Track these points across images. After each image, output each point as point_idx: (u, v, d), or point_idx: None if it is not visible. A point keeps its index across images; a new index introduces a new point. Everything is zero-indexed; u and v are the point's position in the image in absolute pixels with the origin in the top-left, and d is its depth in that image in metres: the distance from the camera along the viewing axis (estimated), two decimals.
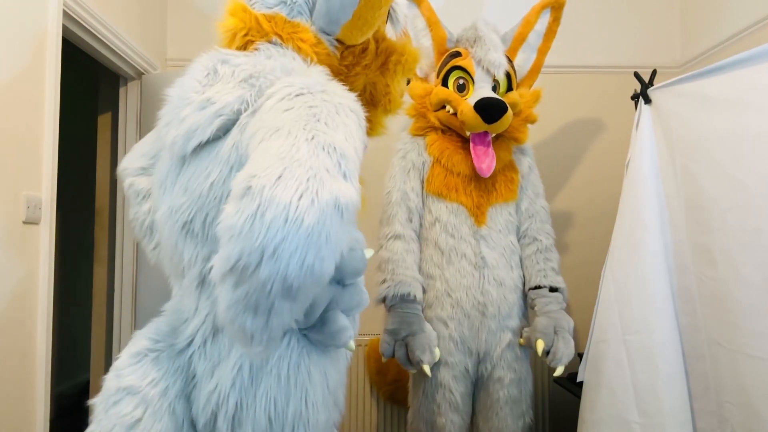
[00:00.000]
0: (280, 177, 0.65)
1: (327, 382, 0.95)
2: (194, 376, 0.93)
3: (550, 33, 2.00)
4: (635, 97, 1.80)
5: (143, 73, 2.45)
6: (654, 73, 1.82)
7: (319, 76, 0.90)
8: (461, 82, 1.83)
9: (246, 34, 1.00)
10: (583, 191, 2.70)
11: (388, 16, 1.15)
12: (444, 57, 1.89)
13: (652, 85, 1.76)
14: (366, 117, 0.87)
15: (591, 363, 1.73)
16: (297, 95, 0.81)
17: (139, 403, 0.90)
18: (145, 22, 2.45)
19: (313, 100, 0.79)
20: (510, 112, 1.76)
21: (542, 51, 2.01)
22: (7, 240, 1.53)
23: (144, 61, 2.39)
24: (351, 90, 0.89)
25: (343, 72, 1.05)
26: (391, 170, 1.91)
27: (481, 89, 1.79)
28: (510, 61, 1.90)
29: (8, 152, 1.54)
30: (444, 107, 1.84)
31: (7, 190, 1.54)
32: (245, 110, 0.87)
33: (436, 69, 1.91)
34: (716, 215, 1.49)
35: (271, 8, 1.01)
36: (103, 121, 2.62)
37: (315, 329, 0.91)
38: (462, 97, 1.81)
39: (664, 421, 1.54)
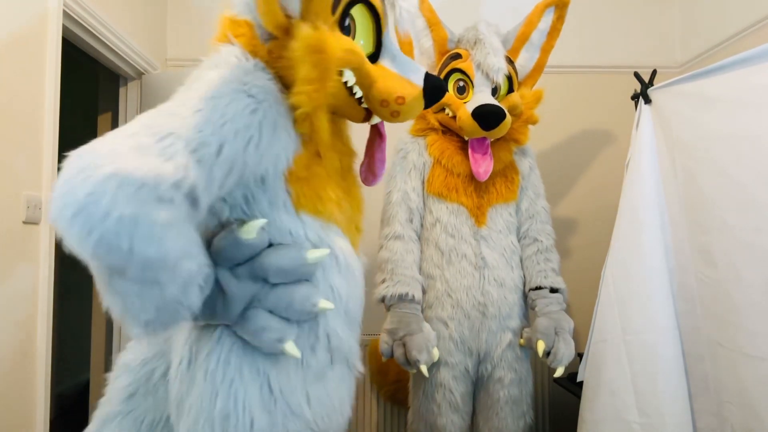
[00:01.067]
0: (75, 155, 0.70)
1: (268, 384, 0.91)
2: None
3: (554, 31, 1.98)
4: (635, 97, 1.80)
5: (143, 73, 2.45)
6: (654, 73, 1.82)
7: (236, 69, 0.90)
8: (461, 84, 1.82)
9: (218, 39, 1.03)
10: (582, 191, 2.69)
11: (388, 16, 1.13)
12: (444, 58, 1.88)
13: (652, 85, 1.76)
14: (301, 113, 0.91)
15: (591, 363, 1.73)
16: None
17: (133, 381, 1.00)
18: (145, 22, 2.46)
19: (189, 87, 0.85)
20: (508, 118, 1.75)
21: (546, 49, 1.99)
22: (7, 240, 1.53)
23: (144, 61, 2.39)
24: (286, 83, 0.93)
25: (276, 65, 0.98)
26: (391, 171, 1.90)
27: (481, 93, 1.79)
28: (511, 61, 1.89)
29: (8, 152, 1.54)
30: (443, 110, 1.84)
31: (7, 190, 1.54)
32: None
33: (437, 70, 1.91)
34: (716, 215, 1.49)
35: (232, 10, 1.03)
36: (103, 121, 2.62)
37: (238, 326, 0.90)
38: (462, 99, 1.80)
39: (664, 421, 1.54)
